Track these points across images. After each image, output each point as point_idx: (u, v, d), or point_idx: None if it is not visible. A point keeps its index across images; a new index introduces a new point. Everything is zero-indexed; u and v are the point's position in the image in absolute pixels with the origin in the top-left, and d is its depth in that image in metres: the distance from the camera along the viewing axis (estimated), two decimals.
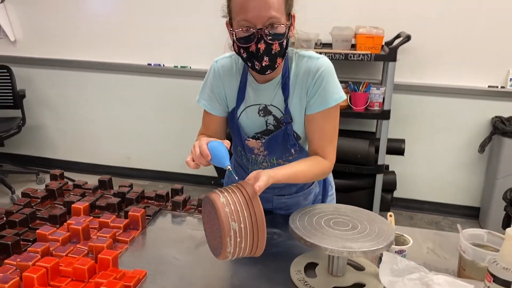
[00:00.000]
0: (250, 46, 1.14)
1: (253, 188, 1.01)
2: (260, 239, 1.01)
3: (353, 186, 2.94)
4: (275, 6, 1.10)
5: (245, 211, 0.99)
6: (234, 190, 1.02)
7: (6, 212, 1.43)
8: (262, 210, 1.00)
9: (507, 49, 2.99)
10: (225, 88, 1.32)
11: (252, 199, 1.00)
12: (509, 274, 0.95)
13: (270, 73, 1.20)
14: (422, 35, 3.01)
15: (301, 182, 1.28)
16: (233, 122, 1.33)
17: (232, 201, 0.99)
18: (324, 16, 3.03)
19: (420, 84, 3.14)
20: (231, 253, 1.00)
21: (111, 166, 3.80)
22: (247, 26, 1.12)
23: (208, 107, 1.35)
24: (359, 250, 1.03)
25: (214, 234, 1.03)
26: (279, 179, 1.10)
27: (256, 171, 1.07)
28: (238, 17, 1.13)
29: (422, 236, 1.43)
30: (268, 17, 1.10)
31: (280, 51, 1.16)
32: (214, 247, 1.06)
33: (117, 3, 3.51)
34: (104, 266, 1.15)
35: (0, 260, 1.20)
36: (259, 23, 1.11)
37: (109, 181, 1.69)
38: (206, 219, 1.09)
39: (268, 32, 1.13)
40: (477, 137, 3.16)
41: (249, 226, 0.99)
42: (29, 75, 3.77)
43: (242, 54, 1.18)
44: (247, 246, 1.01)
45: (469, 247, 1.13)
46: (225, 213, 0.97)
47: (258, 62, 1.16)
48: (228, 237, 0.97)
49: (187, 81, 3.51)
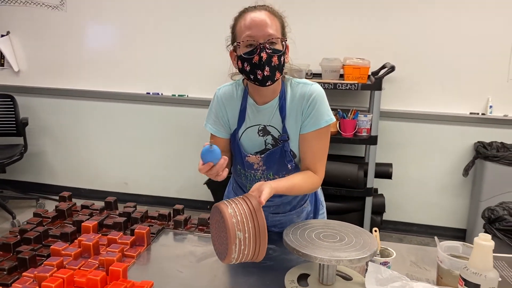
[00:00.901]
0: (253, 58, 1.32)
1: (257, 201, 1.15)
2: (261, 247, 1.14)
3: (343, 209, 3.07)
4: (273, 27, 1.32)
5: (249, 222, 1.12)
6: (240, 202, 1.15)
7: (20, 231, 1.54)
8: (264, 221, 1.13)
9: (486, 79, 3.17)
10: (228, 112, 1.48)
11: (256, 211, 1.14)
12: (478, 278, 1.07)
13: (270, 84, 1.36)
14: (405, 65, 3.19)
15: (296, 194, 1.42)
16: (234, 142, 1.48)
17: (239, 212, 1.12)
18: (314, 48, 3.22)
19: (405, 112, 3.31)
20: (235, 258, 1.13)
21: (109, 191, 3.88)
22: (251, 41, 1.31)
23: (214, 131, 1.50)
24: (346, 258, 1.15)
25: (221, 240, 1.16)
26: (279, 191, 1.24)
27: (259, 183, 1.22)
28: (243, 35, 1.32)
29: (406, 250, 1.55)
30: (268, 34, 1.30)
31: (279, 66, 1.34)
32: (220, 252, 1.18)
33: (117, 35, 3.68)
34: (115, 277, 1.25)
35: (18, 274, 1.31)
36: (260, 39, 1.30)
37: (114, 202, 1.80)
38: (214, 226, 1.21)
39: (269, 47, 1.31)
40: (461, 161, 3.31)
41: (253, 235, 1.12)
42: (31, 104, 3.90)
43: (245, 68, 1.35)
44: (250, 253, 1.14)
45: (446, 257, 1.26)
46: (232, 223, 1.10)
47: (261, 71, 1.32)
48: (234, 245, 1.10)
49: (185, 109, 3.66)
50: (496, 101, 3.18)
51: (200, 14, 3.44)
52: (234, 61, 1.40)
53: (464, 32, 3.13)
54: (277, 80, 1.37)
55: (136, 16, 3.58)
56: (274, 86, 1.39)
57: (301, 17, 3.25)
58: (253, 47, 1.32)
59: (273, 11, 1.37)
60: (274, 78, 1.35)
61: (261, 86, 1.36)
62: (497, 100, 3.18)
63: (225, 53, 1.47)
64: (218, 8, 3.39)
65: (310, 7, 3.26)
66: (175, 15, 3.51)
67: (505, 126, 3.19)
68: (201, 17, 3.46)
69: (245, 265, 1.40)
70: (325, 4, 3.26)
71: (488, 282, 1.06)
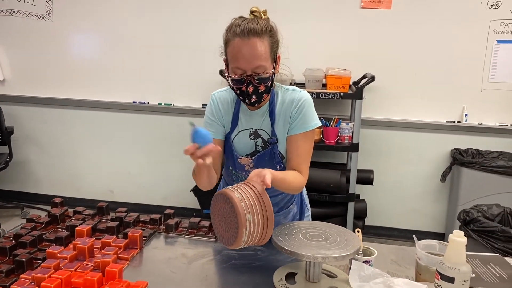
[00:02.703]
0: (241, 87, 1.40)
1: (260, 185, 1.21)
2: (269, 228, 1.19)
3: (327, 214, 3.16)
4: (262, 56, 1.37)
5: (257, 205, 1.17)
6: (244, 187, 1.21)
7: (14, 236, 1.57)
8: (270, 203, 1.19)
9: (461, 88, 3.32)
10: (223, 115, 1.56)
11: (261, 194, 1.19)
12: (452, 271, 1.16)
13: (259, 106, 1.47)
14: (385, 76, 3.31)
15: (286, 189, 1.48)
16: (227, 145, 1.56)
17: (245, 196, 1.17)
18: (298, 59, 3.30)
19: (386, 120, 3.43)
20: (245, 242, 1.17)
21: (94, 200, 3.89)
22: (240, 73, 1.38)
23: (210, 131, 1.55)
24: (331, 256, 1.23)
25: (227, 226, 1.20)
26: (274, 178, 1.29)
27: (257, 169, 1.28)
28: (232, 64, 1.40)
29: (387, 250, 1.63)
30: (256, 66, 1.37)
31: (266, 90, 1.43)
32: (226, 238, 1.21)
33: (103, 44, 3.72)
34: (111, 278, 1.31)
35: (16, 276, 1.35)
36: (248, 70, 1.38)
37: (106, 207, 1.85)
38: (217, 214, 1.25)
39: (256, 77, 1.39)
40: (438, 168, 3.43)
41: (261, 217, 1.17)
42: (17, 113, 3.90)
43: (235, 91, 1.44)
44: (258, 235, 1.19)
45: (423, 254, 1.35)
46: (241, 206, 1.15)
47: (248, 99, 1.43)
48: (244, 228, 1.15)
49: (171, 118, 3.71)
50: (471, 109, 3.33)
51: (187, 24, 3.52)
52: (226, 68, 1.47)
53: (441, 44, 3.27)
54: (264, 100, 1.47)
55: (122, 25, 3.64)
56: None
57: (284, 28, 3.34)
58: (241, 77, 1.39)
59: (261, 31, 1.36)
60: (261, 100, 1.45)
61: (250, 106, 1.47)
62: (472, 109, 3.33)
63: (211, 63, 1.56)
64: (205, 18, 3.47)
65: (293, 19, 3.36)
66: (162, 24, 3.57)
67: (479, 134, 3.34)
68: (188, 27, 3.53)
69: (235, 265, 1.47)
70: (308, 16, 3.37)
71: (461, 275, 1.15)
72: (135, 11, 3.59)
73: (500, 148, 3.31)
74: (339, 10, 3.33)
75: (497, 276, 1.40)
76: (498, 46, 3.23)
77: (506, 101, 3.30)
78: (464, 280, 1.15)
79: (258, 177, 1.25)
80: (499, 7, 3.17)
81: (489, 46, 3.23)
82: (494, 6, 3.18)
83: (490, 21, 3.20)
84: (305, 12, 3.37)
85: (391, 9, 3.27)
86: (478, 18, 3.20)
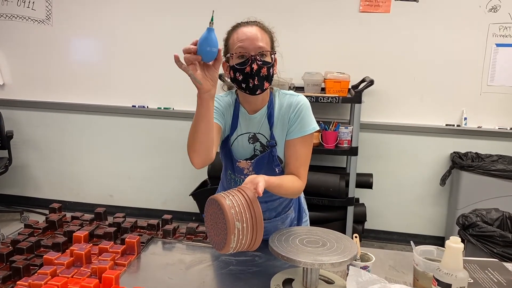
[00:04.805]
0: (245, 68, 1.41)
1: (253, 192, 1.21)
2: (258, 236, 1.20)
3: (326, 218, 3.15)
4: (264, 40, 1.43)
5: (247, 212, 1.18)
6: (236, 194, 1.21)
7: (12, 241, 1.57)
8: (261, 211, 1.19)
9: (461, 92, 3.32)
10: (225, 113, 1.55)
11: (252, 201, 1.20)
12: (449, 278, 1.16)
13: (260, 93, 1.45)
14: (384, 79, 3.32)
15: (283, 193, 1.48)
16: (226, 148, 1.56)
17: (236, 204, 1.17)
18: (297, 63, 3.32)
19: (385, 123, 3.43)
20: (233, 248, 1.18)
21: (94, 204, 3.90)
22: (243, 53, 1.41)
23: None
24: (328, 262, 1.23)
25: (218, 231, 1.20)
26: (269, 185, 1.31)
27: (252, 176, 1.28)
28: (235, 46, 1.42)
29: (384, 255, 1.63)
30: (259, 47, 1.40)
31: (267, 76, 1.44)
32: (217, 242, 1.22)
33: (102, 49, 3.73)
34: (108, 284, 1.30)
35: (12, 282, 1.34)
36: (252, 51, 1.40)
37: (104, 213, 1.85)
38: (209, 218, 1.25)
39: (259, 58, 1.41)
40: (438, 171, 3.43)
41: (250, 225, 1.18)
42: (16, 117, 3.91)
43: (237, 77, 1.44)
44: (247, 242, 1.19)
45: (421, 260, 1.34)
46: (231, 214, 1.15)
47: (252, 80, 1.42)
48: (233, 235, 1.15)
49: (170, 122, 3.72)
50: (470, 113, 3.33)
51: (187, 28, 3.52)
52: (226, 71, 1.49)
53: (440, 48, 3.28)
54: (266, 89, 1.47)
55: (122, 29, 3.64)
56: (263, 96, 1.50)
57: (283, 33, 3.35)
58: (244, 58, 1.42)
59: (263, 26, 1.48)
60: (263, 87, 1.45)
61: (251, 95, 1.46)
62: (471, 112, 3.33)
63: None
64: (205, 23, 3.46)
65: (292, 23, 3.37)
66: (161, 28, 3.58)
67: (479, 137, 3.34)
68: (187, 31, 3.54)
69: (232, 271, 1.47)
70: (307, 20, 3.38)
71: (458, 281, 1.14)
72: (134, 15, 3.60)
73: (500, 152, 3.31)
74: (337, 14, 3.34)
75: (495, 282, 1.39)
76: (497, 49, 3.24)
77: (505, 104, 3.30)
78: (461, 286, 1.15)
79: (251, 184, 1.25)
80: (498, 11, 3.17)
81: (488, 49, 3.24)
82: (493, 10, 3.18)
83: (489, 24, 3.20)
84: (304, 16, 3.38)
85: (390, 12, 3.28)
86: (477, 22, 3.21)
